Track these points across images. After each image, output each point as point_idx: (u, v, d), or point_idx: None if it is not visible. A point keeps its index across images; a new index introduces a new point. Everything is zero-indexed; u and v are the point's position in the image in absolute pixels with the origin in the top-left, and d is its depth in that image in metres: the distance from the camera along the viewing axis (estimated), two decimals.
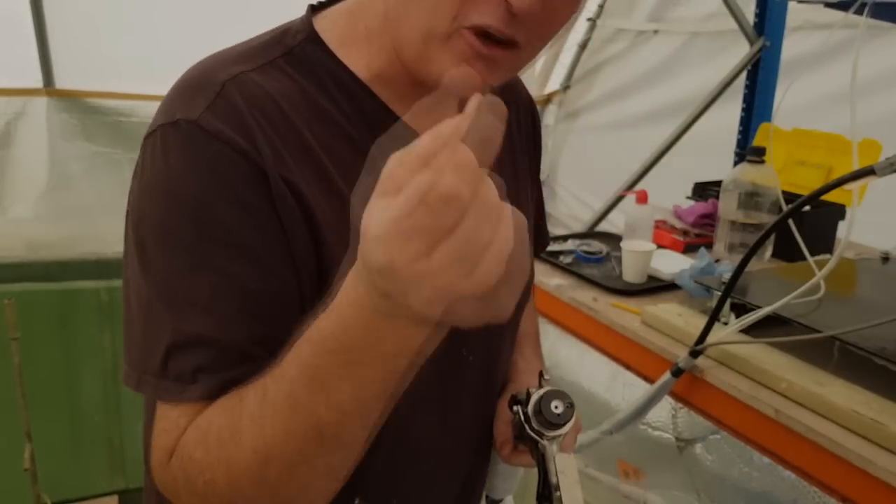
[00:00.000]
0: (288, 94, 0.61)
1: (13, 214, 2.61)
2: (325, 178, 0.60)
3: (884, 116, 1.80)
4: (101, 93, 2.66)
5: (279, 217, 0.57)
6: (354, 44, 0.65)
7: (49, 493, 1.91)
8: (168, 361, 0.56)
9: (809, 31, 2.21)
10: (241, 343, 0.56)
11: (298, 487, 0.53)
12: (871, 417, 0.93)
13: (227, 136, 0.56)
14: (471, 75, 0.58)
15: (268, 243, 0.57)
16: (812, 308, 1.11)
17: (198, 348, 0.56)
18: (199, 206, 0.56)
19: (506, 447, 0.77)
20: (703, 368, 1.12)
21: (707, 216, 1.72)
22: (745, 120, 2.04)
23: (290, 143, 0.59)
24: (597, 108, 3.39)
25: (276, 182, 0.57)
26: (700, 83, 2.32)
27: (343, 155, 0.62)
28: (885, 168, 0.85)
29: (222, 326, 0.56)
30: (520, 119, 0.82)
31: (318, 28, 0.65)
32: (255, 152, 0.56)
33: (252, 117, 0.57)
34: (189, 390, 0.56)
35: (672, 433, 1.96)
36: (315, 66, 0.63)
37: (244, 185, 0.56)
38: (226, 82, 0.58)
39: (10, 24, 2.45)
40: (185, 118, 0.56)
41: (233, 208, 0.56)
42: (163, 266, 0.57)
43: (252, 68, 0.60)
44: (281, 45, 0.64)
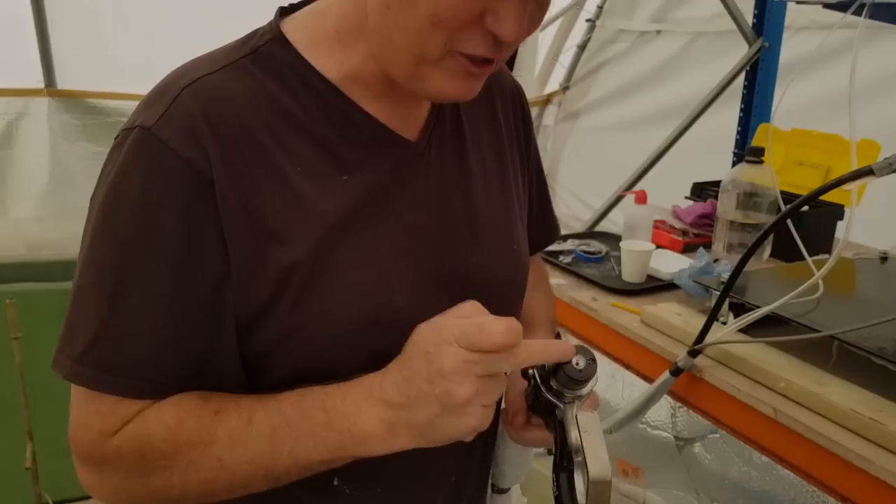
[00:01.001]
0: (247, 94, 0.62)
1: (14, 214, 2.61)
2: (280, 176, 0.62)
3: (882, 117, 1.80)
4: (102, 93, 2.66)
5: (220, 222, 0.59)
6: (323, 44, 0.66)
7: (50, 493, 1.92)
8: (88, 350, 0.60)
9: (808, 32, 2.22)
10: (165, 350, 0.60)
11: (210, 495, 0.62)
12: (869, 417, 0.93)
13: (176, 143, 0.58)
14: (465, 90, 0.62)
15: (202, 248, 0.59)
16: (811, 308, 1.12)
17: (121, 345, 0.60)
18: (138, 205, 0.58)
19: (518, 417, 0.76)
20: (702, 368, 1.13)
21: (706, 216, 1.72)
22: (743, 120, 2.04)
23: (242, 144, 0.60)
24: (597, 108, 3.39)
25: (221, 191, 0.59)
26: (702, 84, 2.32)
27: (303, 153, 0.63)
28: (884, 168, 0.85)
29: (150, 328, 0.60)
30: (506, 106, 0.83)
31: (285, 30, 0.66)
32: (202, 160, 0.58)
33: (205, 123, 0.59)
34: (108, 383, 0.60)
35: (671, 432, 1.96)
36: (279, 66, 0.64)
37: (186, 190, 0.58)
38: (184, 88, 0.60)
39: (12, 24, 2.45)
40: (142, 125, 0.59)
41: (169, 213, 0.58)
42: (98, 257, 0.60)
43: (214, 70, 0.62)
44: (247, 46, 0.65)
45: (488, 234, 0.75)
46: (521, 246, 0.81)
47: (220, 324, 0.62)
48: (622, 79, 3.24)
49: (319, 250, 0.62)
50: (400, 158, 0.69)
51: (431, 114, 0.73)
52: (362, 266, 0.64)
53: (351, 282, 0.64)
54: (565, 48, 3.53)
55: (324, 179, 0.64)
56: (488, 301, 0.71)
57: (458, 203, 0.73)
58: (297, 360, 0.64)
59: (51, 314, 2.12)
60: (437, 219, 0.70)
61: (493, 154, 0.79)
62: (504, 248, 0.77)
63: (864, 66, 1.23)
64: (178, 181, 0.58)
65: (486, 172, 0.77)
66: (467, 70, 0.60)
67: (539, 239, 0.93)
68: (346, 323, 0.63)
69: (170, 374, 0.61)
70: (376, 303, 0.65)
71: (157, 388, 0.61)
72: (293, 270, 0.61)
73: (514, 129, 0.84)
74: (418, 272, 0.68)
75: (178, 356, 0.61)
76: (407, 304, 0.66)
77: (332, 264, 0.63)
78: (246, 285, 0.61)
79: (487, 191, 0.76)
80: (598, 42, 3.39)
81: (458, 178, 0.73)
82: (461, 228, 0.72)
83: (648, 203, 1.60)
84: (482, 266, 0.73)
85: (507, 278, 0.78)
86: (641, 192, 1.60)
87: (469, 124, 0.77)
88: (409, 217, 0.68)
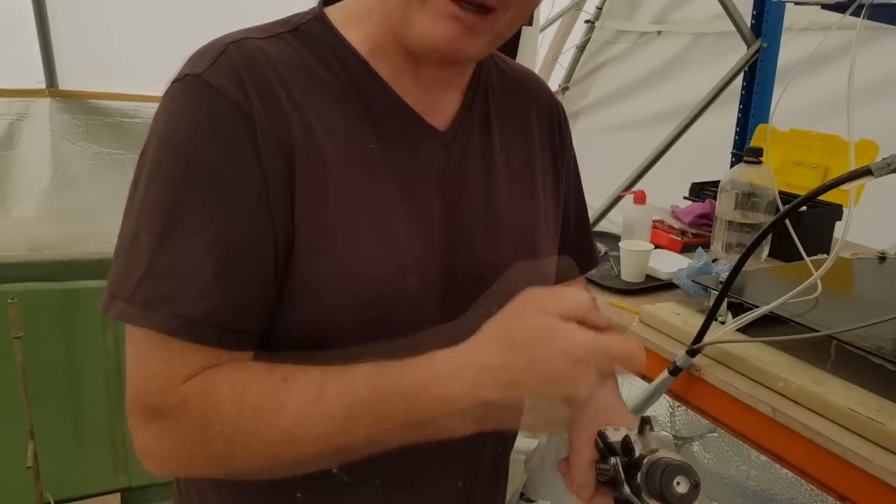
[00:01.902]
0: (287, 60, 0.65)
1: (17, 214, 2.61)
2: (311, 137, 0.63)
3: (881, 117, 1.81)
4: (103, 94, 2.66)
5: (262, 165, 0.61)
6: (358, 20, 0.68)
7: (52, 492, 1.92)
8: (139, 287, 0.59)
9: (807, 33, 2.22)
10: (208, 283, 0.59)
11: (277, 469, 0.60)
12: (868, 416, 0.93)
13: (225, 88, 0.60)
14: (451, 35, 0.61)
15: (248, 188, 0.60)
16: (809, 307, 1.12)
17: (166, 280, 0.59)
18: (190, 146, 0.60)
19: (586, 492, 0.69)
20: (701, 367, 1.13)
21: (704, 216, 1.73)
22: (742, 121, 2.05)
23: (282, 100, 0.63)
24: (596, 109, 3.40)
25: (262, 132, 0.61)
26: (701, 85, 2.32)
27: (333, 120, 0.65)
28: (882, 168, 0.85)
29: (193, 262, 0.59)
30: (541, 117, 0.83)
31: (328, 11, 0.69)
32: (247, 103, 0.61)
33: (248, 74, 0.62)
34: (149, 318, 0.59)
35: (670, 431, 1.97)
36: (317, 41, 0.67)
37: (234, 131, 0.60)
38: (229, 44, 0.63)
39: (14, 25, 2.46)
40: (191, 73, 0.61)
41: (220, 152, 0.60)
42: (150, 200, 0.61)
43: (259, 37, 0.65)
44: (289, 24, 0.69)
45: (506, 235, 0.75)
46: (543, 253, 0.80)
47: (270, 263, 0.61)
48: (621, 80, 3.24)
49: (336, 215, 0.63)
50: (423, 142, 0.70)
51: (461, 108, 0.74)
52: (377, 238, 0.65)
53: (365, 251, 0.64)
54: (564, 49, 3.54)
55: (350, 147, 0.65)
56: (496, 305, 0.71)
57: (477, 198, 0.73)
58: (303, 319, 0.63)
59: (52, 314, 2.13)
60: (453, 209, 0.71)
61: (523, 160, 0.79)
62: (521, 252, 0.76)
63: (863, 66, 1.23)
64: (227, 121, 0.60)
65: (512, 174, 0.77)
66: (451, 12, 0.60)
67: (580, 257, 0.92)
68: (360, 295, 0.64)
69: (232, 315, 0.60)
70: (390, 278, 0.65)
71: (218, 335, 0.60)
72: (308, 227, 0.62)
73: (549, 142, 0.83)
74: (430, 258, 0.68)
75: (236, 296, 0.60)
76: (418, 285, 0.67)
77: (349, 232, 0.64)
78: (281, 227, 0.62)
79: (512, 194, 0.76)
80: (597, 43, 3.39)
81: (481, 175, 0.74)
82: (478, 223, 0.72)
83: (647, 203, 1.61)
84: (495, 264, 0.73)
85: (523, 281, 0.75)
86: (640, 193, 1.60)
87: (499, 127, 0.77)
88: (425, 202, 0.69)
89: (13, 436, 1.88)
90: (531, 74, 0.87)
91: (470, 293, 0.71)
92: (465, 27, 0.61)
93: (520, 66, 0.86)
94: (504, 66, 0.83)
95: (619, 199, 2.39)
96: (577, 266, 0.94)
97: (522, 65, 0.88)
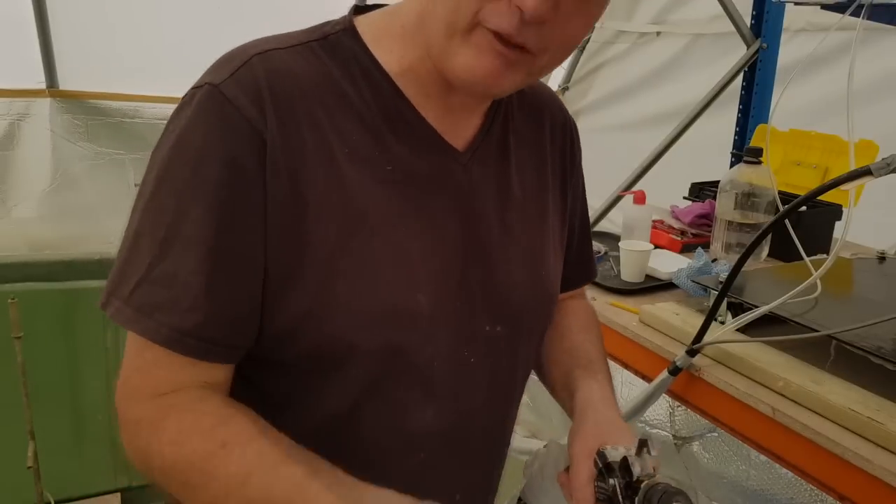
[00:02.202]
0: (311, 74, 0.65)
1: (17, 214, 2.61)
2: (328, 155, 0.64)
3: (880, 117, 1.81)
4: (104, 94, 2.66)
5: (265, 187, 0.61)
6: (389, 39, 0.68)
7: (52, 492, 1.92)
8: (136, 290, 0.61)
9: (806, 34, 2.22)
10: (198, 297, 0.61)
11: None
12: (867, 416, 0.93)
13: (241, 102, 0.61)
14: (491, 70, 0.61)
15: (245, 209, 0.61)
16: (809, 307, 1.12)
17: (161, 287, 0.61)
18: (198, 158, 0.61)
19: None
20: (701, 367, 1.13)
21: (704, 216, 1.73)
22: (742, 121, 2.05)
23: (299, 116, 0.63)
24: (596, 109, 3.39)
25: (272, 154, 0.61)
26: (701, 85, 2.32)
27: (353, 138, 0.65)
28: (882, 168, 0.85)
29: (188, 273, 0.60)
30: (555, 136, 0.84)
31: (358, 24, 0.69)
32: (261, 121, 0.61)
33: (268, 89, 0.62)
34: (142, 323, 0.61)
35: (669, 431, 1.97)
36: (345, 54, 0.67)
37: (242, 150, 0.61)
38: (253, 56, 0.63)
39: (14, 25, 2.45)
40: (211, 82, 0.62)
41: (224, 169, 0.60)
42: (155, 203, 0.62)
43: (284, 47, 0.65)
44: (318, 32, 0.68)
45: (518, 255, 0.76)
46: (551, 274, 0.81)
47: (258, 283, 0.63)
48: (621, 80, 3.24)
49: (352, 234, 0.64)
50: (443, 163, 0.70)
51: (481, 129, 0.74)
52: (392, 259, 0.66)
53: (379, 272, 0.65)
54: None
55: (369, 166, 0.65)
56: (506, 320, 0.74)
57: (492, 218, 0.74)
58: (316, 340, 0.64)
59: (53, 314, 2.13)
60: (469, 229, 0.72)
61: (536, 180, 0.80)
62: (532, 272, 0.78)
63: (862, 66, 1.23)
64: (237, 137, 0.60)
65: (525, 196, 0.78)
66: (493, 47, 0.60)
67: (575, 276, 0.93)
68: (368, 312, 0.64)
69: (219, 330, 0.62)
70: (402, 298, 0.66)
71: (204, 348, 0.62)
72: (323, 248, 0.63)
73: (560, 161, 0.85)
74: (443, 277, 0.69)
75: (223, 311, 0.62)
76: (430, 304, 0.67)
77: (363, 252, 0.64)
78: (278, 250, 0.62)
79: (524, 214, 0.77)
80: (597, 43, 3.39)
81: (497, 195, 0.75)
82: (492, 243, 0.73)
83: (647, 203, 1.61)
84: (507, 284, 0.74)
85: (530, 302, 0.78)
86: (640, 193, 1.60)
87: (516, 147, 0.78)
88: (442, 222, 0.70)
89: (13, 436, 1.88)
90: (549, 93, 0.88)
91: (483, 312, 0.72)
92: (507, 63, 0.61)
93: (539, 84, 0.87)
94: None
95: (618, 199, 2.39)
96: (579, 278, 0.95)
97: (542, 82, 0.89)
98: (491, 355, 0.75)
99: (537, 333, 0.83)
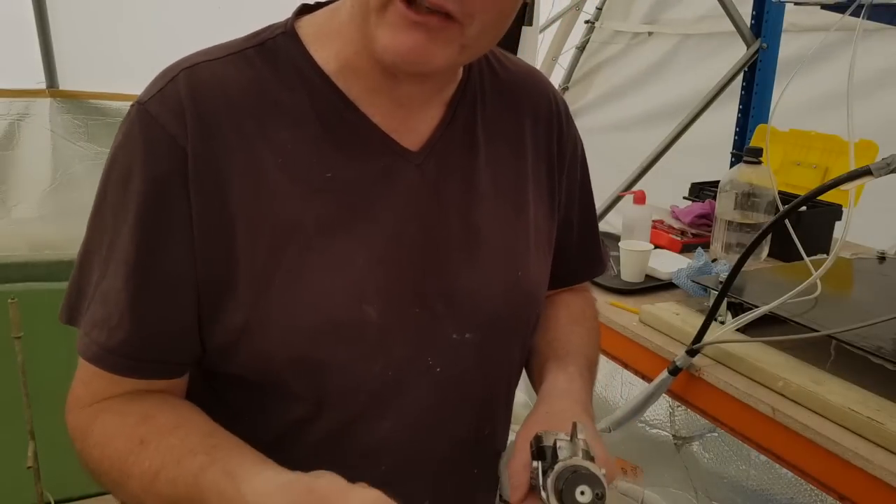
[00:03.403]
0: (242, 84, 0.64)
1: (17, 214, 2.61)
2: (257, 166, 0.62)
3: (880, 117, 1.81)
4: (103, 94, 2.66)
5: (189, 201, 0.61)
6: (327, 38, 0.66)
7: (52, 491, 1.92)
8: (88, 307, 0.64)
9: (806, 33, 2.22)
10: (123, 314, 0.62)
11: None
12: (867, 416, 0.93)
13: (164, 119, 0.61)
14: (412, 45, 0.58)
15: (170, 224, 0.61)
16: (809, 307, 1.12)
17: (99, 304, 0.63)
18: (126, 174, 0.62)
19: (517, 493, 0.66)
20: (701, 367, 1.13)
21: (704, 216, 1.73)
22: (741, 121, 2.05)
23: (225, 129, 0.62)
24: (596, 109, 3.39)
25: (196, 167, 0.60)
26: (693, 85, 2.33)
27: (287, 147, 0.64)
28: (882, 168, 0.85)
29: (116, 291, 0.62)
30: (537, 126, 0.79)
31: (299, 25, 0.67)
32: (184, 137, 0.60)
33: (191, 104, 0.61)
34: (82, 340, 0.64)
35: (669, 431, 1.97)
36: (282, 59, 0.65)
37: (165, 163, 0.60)
38: (181, 70, 0.63)
39: (14, 25, 2.46)
40: (139, 101, 0.63)
41: (148, 185, 0.61)
42: (97, 221, 0.64)
43: (217, 58, 0.64)
44: (257, 38, 0.67)
45: (489, 256, 0.71)
46: (532, 274, 0.76)
47: (190, 298, 0.62)
48: (621, 80, 3.24)
49: (285, 247, 0.62)
50: (391, 164, 0.67)
51: (441, 122, 0.70)
52: (332, 270, 0.63)
53: (318, 284, 0.63)
54: (564, 49, 3.54)
55: (305, 175, 0.63)
56: (477, 326, 0.70)
57: (455, 220, 0.70)
58: (253, 356, 0.63)
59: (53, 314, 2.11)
60: (426, 233, 0.68)
61: (512, 175, 0.75)
62: (507, 274, 0.73)
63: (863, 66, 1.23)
64: (160, 154, 0.60)
65: (498, 191, 0.73)
66: (408, 17, 0.57)
67: (579, 270, 0.90)
68: (309, 326, 0.63)
69: (145, 347, 0.63)
70: (344, 309, 0.63)
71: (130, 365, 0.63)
72: (254, 262, 0.62)
73: (546, 152, 0.79)
74: (397, 284, 0.66)
75: (150, 328, 0.63)
76: (379, 314, 0.65)
77: (299, 264, 0.62)
78: (210, 264, 0.61)
79: (497, 211, 0.73)
80: (596, 43, 3.39)
81: (460, 195, 0.70)
82: (453, 247, 0.69)
83: (647, 203, 1.61)
84: (472, 289, 0.70)
85: (505, 306, 0.73)
86: (640, 193, 1.60)
87: (486, 139, 0.73)
88: (394, 226, 0.66)
89: (13, 436, 1.88)
90: (531, 75, 0.82)
91: (447, 319, 0.69)
92: (429, 35, 0.58)
93: (521, 66, 0.81)
94: (501, 67, 0.78)
95: (618, 200, 2.39)
96: (583, 272, 0.91)
97: (525, 63, 0.83)
98: (460, 363, 0.70)
99: (518, 337, 0.78)
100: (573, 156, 0.84)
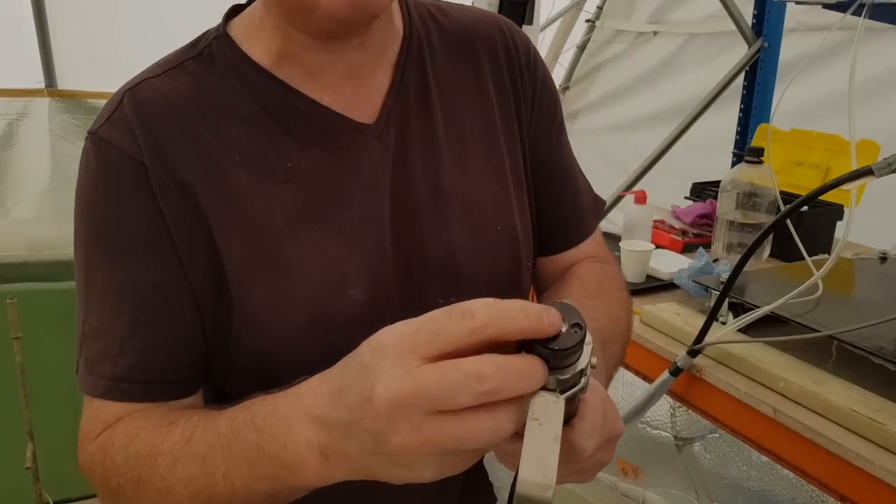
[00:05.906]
0: (185, 94, 0.63)
1: (15, 214, 2.61)
2: (216, 169, 0.62)
3: (882, 117, 1.80)
4: (103, 94, 2.66)
5: (160, 207, 0.60)
6: (256, 33, 0.66)
7: (51, 492, 1.92)
8: (81, 350, 0.63)
9: (807, 33, 2.22)
10: (124, 340, 0.61)
11: None
12: (868, 416, 0.93)
13: (117, 140, 0.61)
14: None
15: (149, 236, 0.61)
16: (810, 307, 1.12)
17: (93, 341, 0.62)
18: (91, 205, 0.62)
19: None
20: (702, 367, 1.13)
21: (705, 216, 1.72)
22: (743, 121, 2.04)
23: (177, 139, 0.62)
24: (596, 108, 3.39)
25: (157, 176, 0.60)
26: (698, 85, 2.32)
27: (242, 145, 0.63)
28: (883, 168, 0.85)
29: (109, 321, 0.61)
30: (497, 67, 0.74)
31: (231, 27, 0.67)
32: (138, 152, 0.60)
33: (138, 121, 0.61)
34: (86, 381, 0.62)
35: (670, 432, 1.96)
36: (219, 64, 0.65)
37: (128, 181, 0.60)
38: (124, 94, 0.63)
39: (13, 25, 2.46)
40: (91, 131, 0.63)
41: (116, 206, 0.61)
42: (77, 259, 0.64)
43: (157, 74, 0.64)
44: (195, 49, 0.67)
45: (459, 216, 0.69)
46: (516, 227, 0.72)
47: (187, 305, 0.62)
48: (621, 79, 3.24)
49: (259, 244, 0.62)
50: (350, 142, 0.65)
51: (390, 92, 0.68)
52: (311, 260, 0.62)
53: (299, 277, 0.62)
54: (565, 48, 3.53)
55: (266, 170, 0.63)
56: (460, 288, 0.68)
57: (422, 186, 0.68)
58: (249, 355, 0.63)
59: (51, 314, 2.13)
60: (398, 203, 0.66)
61: (479, 127, 0.72)
62: (483, 230, 0.70)
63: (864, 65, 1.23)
64: (121, 174, 0.61)
65: (464, 149, 0.70)
66: None
67: (561, 236, 0.81)
68: (298, 319, 0.62)
69: (154, 367, 0.62)
70: (331, 298, 0.62)
71: (142, 390, 0.61)
72: (233, 262, 0.61)
73: (510, 93, 0.74)
74: (378, 263, 0.65)
75: (155, 346, 0.61)
76: (367, 296, 0.64)
77: (277, 259, 0.62)
78: (198, 270, 0.61)
79: (464, 169, 0.70)
80: (597, 42, 3.39)
81: (423, 159, 0.68)
82: (425, 213, 0.67)
83: (648, 203, 1.60)
84: (453, 251, 0.68)
85: (484, 263, 0.70)
86: (641, 193, 1.60)
87: (442, 98, 0.70)
88: (365, 205, 0.65)
89: (12, 436, 1.88)
90: (480, 19, 0.76)
91: (429, 285, 0.67)
92: None
93: (468, 12, 0.77)
94: (446, 18, 0.75)
95: (619, 199, 2.39)
96: (567, 235, 0.81)
97: (473, 8, 0.78)
98: None
99: (509, 294, 0.71)
100: (544, 95, 0.77)
